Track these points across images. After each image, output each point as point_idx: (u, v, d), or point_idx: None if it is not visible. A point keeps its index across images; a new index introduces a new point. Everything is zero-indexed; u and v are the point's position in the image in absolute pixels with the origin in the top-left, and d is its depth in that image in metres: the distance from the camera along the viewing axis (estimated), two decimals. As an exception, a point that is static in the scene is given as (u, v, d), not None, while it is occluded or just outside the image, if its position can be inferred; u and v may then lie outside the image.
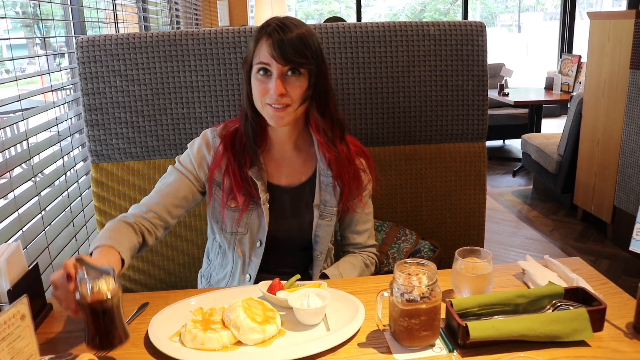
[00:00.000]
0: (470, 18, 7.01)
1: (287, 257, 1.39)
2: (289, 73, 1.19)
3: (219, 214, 1.34)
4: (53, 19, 1.82)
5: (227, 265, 1.39)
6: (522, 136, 4.61)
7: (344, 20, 3.93)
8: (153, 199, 1.30)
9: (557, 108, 7.33)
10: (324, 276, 1.35)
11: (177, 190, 1.30)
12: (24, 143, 1.53)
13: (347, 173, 1.32)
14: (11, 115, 1.64)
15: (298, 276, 1.20)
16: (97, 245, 1.12)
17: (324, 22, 3.75)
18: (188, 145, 1.36)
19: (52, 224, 1.64)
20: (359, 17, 6.55)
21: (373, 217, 1.66)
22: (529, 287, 1.19)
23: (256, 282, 1.32)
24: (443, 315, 1.03)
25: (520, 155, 4.96)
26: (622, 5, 8.08)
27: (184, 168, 1.33)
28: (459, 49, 1.63)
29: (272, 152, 1.35)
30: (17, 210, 1.45)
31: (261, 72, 1.20)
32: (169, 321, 1.07)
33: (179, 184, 1.31)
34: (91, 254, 1.11)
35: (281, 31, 1.17)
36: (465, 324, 0.95)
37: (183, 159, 1.34)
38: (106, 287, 0.88)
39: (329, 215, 1.35)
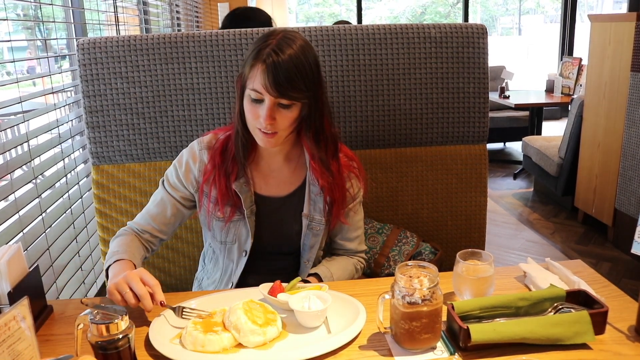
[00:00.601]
0: (470, 21, 7.02)
1: (274, 264, 1.39)
2: (281, 103, 1.17)
3: (207, 223, 1.36)
4: (54, 21, 1.82)
5: (217, 272, 1.41)
6: (523, 139, 4.61)
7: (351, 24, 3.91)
8: (144, 220, 1.34)
9: (557, 111, 7.33)
10: (314, 275, 1.34)
11: (164, 210, 1.34)
12: (25, 145, 1.53)
13: (337, 190, 1.31)
14: (12, 117, 1.64)
15: (299, 278, 1.20)
16: (117, 258, 1.20)
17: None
18: (175, 160, 1.36)
19: (52, 225, 1.64)
20: (359, 20, 6.56)
21: (367, 221, 1.66)
22: (530, 290, 1.19)
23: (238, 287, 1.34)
24: (444, 317, 1.03)
25: (520, 158, 4.96)
26: (623, 8, 8.09)
27: (171, 187, 1.34)
28: (460, 51, 1.63)
29: (261, 163, 1.34)
30: (17, 212, 1.45)
31: (253, 98, 1.18)
32: (170, 323, 1.07)
33: (166, 204, 1.34)
34: (108, 268, 1.20)
35: (277, 59, 1.13)
36: (467, 326, 0.95)
37: (171, 176, 1.35)
38: (118, 327, 0.88)
39: (317, 225, 1.35)
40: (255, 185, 1.33)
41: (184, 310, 1.09)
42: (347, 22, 3.91)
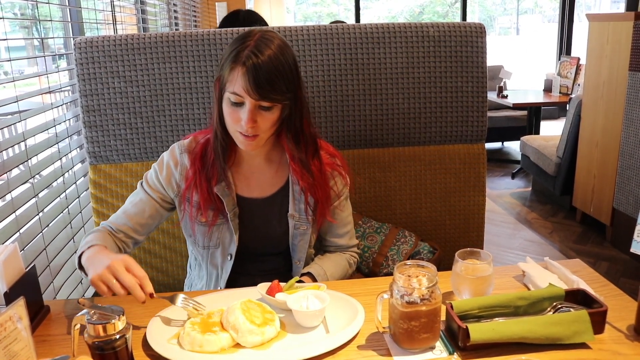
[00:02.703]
0: (468, 20, 7.02)
1: (264, 265, 1.38)
2: (262, 105, 1.16)
3: (189, 229, 1.34)
4: (51, 20, 1.81)
5: (203, 278, 1.40)
6: (521, 138, 4.61)
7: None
8: (120, 219, 1.32)
9: (555, 110, 7.34)
10: (307, 274, 1.33)
11: (142, 210, 1.32)
12: (22, 144, 1.52)
13: (319, 190, 1.31)
14: (9, 116, 1.63)
15: (297, 278, 1.19)
16: (91, 244, 1.18)
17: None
18: (155, 163, 1.35)
19: (49, 225, 1.63)
20: (357, 20, 6.56)
21: (365, 220, 1.66)
22: (529, 289, 1.18)
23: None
24: (443, 317, 1.03)
25: (519, 157, 4.96)
26: (621, 8, 8.11)
27: (150, 188, 1.33)
28: (459, 50, 1.63)
29: (242, 165, 1.33)
30: (14, 211, 1.44)
31: (233, 101, 1.16)
32: (167, 323, 1.06)
33: (145, 204, 1.33)
34: (81, 254, 1.18)
35: (256, 61, 1.12)
36: (466, 326, 0.95)
37: (150, 178, 1.34)
38: (115, 328, 0.87)
39: (304, 224, 1.34)
40: (238, 187, 1.32)
41: (183, 299, 1.08)
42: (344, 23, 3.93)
